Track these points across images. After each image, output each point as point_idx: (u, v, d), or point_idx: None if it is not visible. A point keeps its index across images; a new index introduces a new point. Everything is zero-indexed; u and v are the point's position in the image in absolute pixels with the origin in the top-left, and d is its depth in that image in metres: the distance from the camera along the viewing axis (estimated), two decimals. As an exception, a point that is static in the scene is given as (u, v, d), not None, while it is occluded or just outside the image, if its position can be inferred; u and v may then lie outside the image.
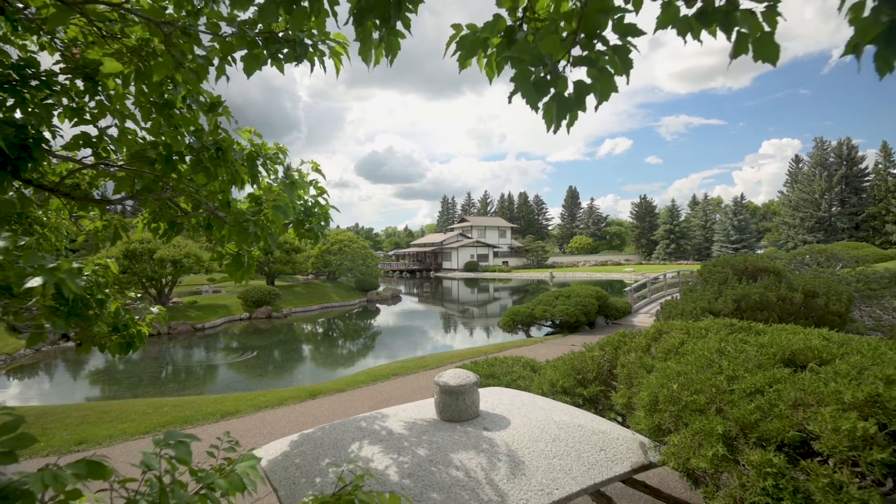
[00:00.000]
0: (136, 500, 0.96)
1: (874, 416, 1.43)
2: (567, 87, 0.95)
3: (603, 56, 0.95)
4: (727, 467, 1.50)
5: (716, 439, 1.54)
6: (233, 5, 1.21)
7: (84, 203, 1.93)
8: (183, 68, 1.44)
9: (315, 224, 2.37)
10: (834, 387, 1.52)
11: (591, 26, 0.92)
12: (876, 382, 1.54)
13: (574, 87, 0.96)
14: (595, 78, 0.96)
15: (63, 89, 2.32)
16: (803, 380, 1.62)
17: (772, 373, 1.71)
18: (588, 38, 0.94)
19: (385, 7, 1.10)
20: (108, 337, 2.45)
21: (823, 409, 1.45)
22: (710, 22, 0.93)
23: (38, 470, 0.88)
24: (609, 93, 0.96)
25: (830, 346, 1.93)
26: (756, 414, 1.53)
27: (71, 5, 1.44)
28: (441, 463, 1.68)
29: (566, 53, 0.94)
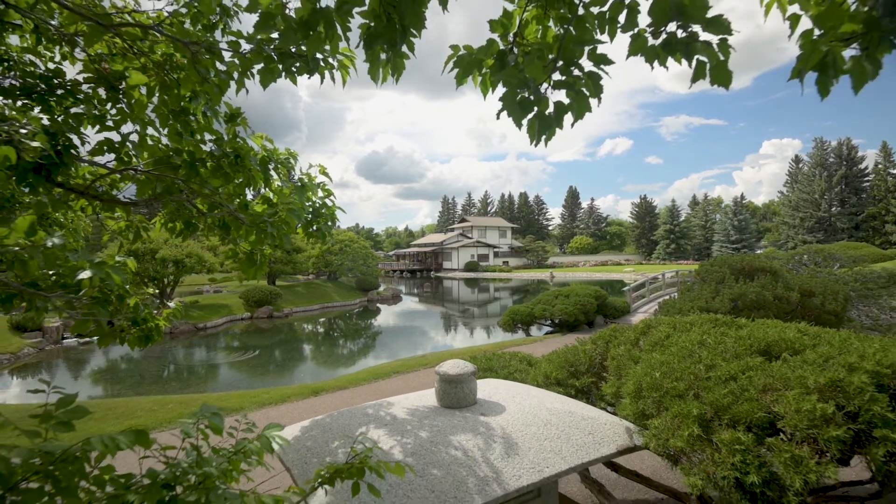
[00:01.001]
0: (178, 463, 1.11)
1: (835, 398, 1.58)
2: (548, 106, 1.10)
3: (579, 80, 1.10)
4: (701, 446, 1.65)
5: (691, 421, 1.68)
6: (257, 30, 1.36)
7: (111, 204, 2.08)
8: (207, 83, 1.59)
9: (322, 224, 2.52)
10: (800, 373, 1.67)
11: (569, 55, 1.07)
12: (839, 369, 1.69)
13: (554, 106, 1.11)
14: (573, 98, 1.11)
15: (86, 98, 2.48)
16: (773, 367, 1.77)
17: (745, 361, 1.86)
18: (566, 65, 1.09)
19: (392, 34, 1.26)
20: (128, 330, 2.61)
21: (788, 393, 1.59)
22: (674, 51, 1.08)
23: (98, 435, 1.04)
24: (584, 112, 1.11)
25: (803, 339, 2.08)
26: (729, 398, 1.68)
27: (107, 27, 1.59)
28: (441, 444, 1.83)
29: (548, 77, 1.10)
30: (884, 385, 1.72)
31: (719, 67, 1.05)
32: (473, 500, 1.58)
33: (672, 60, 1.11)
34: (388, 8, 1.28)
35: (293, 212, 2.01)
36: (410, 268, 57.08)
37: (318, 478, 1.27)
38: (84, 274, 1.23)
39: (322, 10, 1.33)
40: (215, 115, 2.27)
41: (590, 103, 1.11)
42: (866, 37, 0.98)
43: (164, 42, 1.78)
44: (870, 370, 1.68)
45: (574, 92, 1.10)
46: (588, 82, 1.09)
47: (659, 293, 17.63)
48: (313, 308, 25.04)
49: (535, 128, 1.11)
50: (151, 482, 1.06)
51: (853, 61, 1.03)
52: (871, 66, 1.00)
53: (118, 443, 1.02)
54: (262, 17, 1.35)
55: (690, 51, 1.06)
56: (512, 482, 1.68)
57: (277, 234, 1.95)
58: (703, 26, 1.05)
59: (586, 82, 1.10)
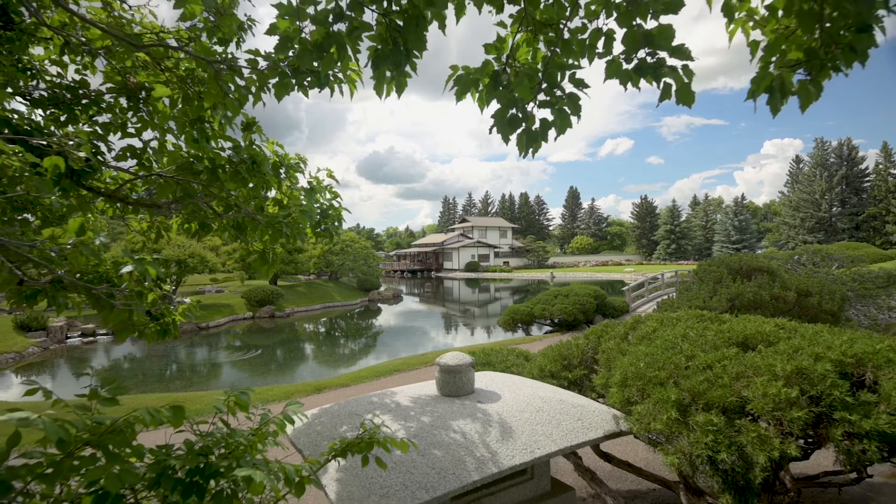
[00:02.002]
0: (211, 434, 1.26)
1: (800, 384, 1.73)
2: (535, 123, 1.26)
3: (561, 100, 1.26)
4: (679, 428, 1.80)
5: (670, 405, 1.84)
6: (276, 52, 1.52)
7: (136, 207, 2.24)
8: (228, 97, 1.75)
9: (330, 224, 2.68)
10: (769, 361, 1.82)
11: (552, 78, 1.23)
12: (806, 358, 1.84)
13: (540, 123, 1.26)
14: (556, 116, 1.26)
15: (108, 107, 2.65)
16: (747, 357, 1.92)
17: (722, 352, 2.01)
18: (550, 87, 1.24)
19: (397, 56, 1.42)
20: (146, 325, 2.77)
21: (757, 379, 1.75)
22: (645, 74, 1.23)
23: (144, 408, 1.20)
24: (566, 128, 1.27)
25: (779, 332, 2.24)
26: (704, 384, 1.84)
27: (139, 47, 1.75)
28: (441, 428, 1.99)
29: (534, 97, 1.25)
30: (847, 373, 1.87)
31: (683, 89, 1.21)
32: (471, 476, 1.73)
33: (644, 82, 1.26)
34: (394, 33, 1.44)
35: (305, 213, 2.18)
36: (411, 268, 57.21)
37: (331, 451, 1.42)
38: (126, 268, 1.39)
39: (335, 34, 1.49)
40: (229, 121, 2.44)
41: (571, 120, 1.27)
42: (809, 64, 1.14)
43: (187, 58, 1.94)
44: (833, 359, 1.83)
45: (557, 110, 1.26)
46: (569, 102, 1.25)
47: (658, 293, 17.76)
48: (315, 308, 25.17)
49: (522, 141, 1.27)
50: (188, 450, 1.22)
51: (800, 84, 1.18)
52: (815, 89, 1.16)
53: (161, 415, 1.18)
54: (281, 40, 1.51)
55: (658, 74, 1.21)
56: (506, 461, 1.83)
57: (291, 234, 2.11)
58: (669, 53, 1.20)
59: (567, 102, 1.25)
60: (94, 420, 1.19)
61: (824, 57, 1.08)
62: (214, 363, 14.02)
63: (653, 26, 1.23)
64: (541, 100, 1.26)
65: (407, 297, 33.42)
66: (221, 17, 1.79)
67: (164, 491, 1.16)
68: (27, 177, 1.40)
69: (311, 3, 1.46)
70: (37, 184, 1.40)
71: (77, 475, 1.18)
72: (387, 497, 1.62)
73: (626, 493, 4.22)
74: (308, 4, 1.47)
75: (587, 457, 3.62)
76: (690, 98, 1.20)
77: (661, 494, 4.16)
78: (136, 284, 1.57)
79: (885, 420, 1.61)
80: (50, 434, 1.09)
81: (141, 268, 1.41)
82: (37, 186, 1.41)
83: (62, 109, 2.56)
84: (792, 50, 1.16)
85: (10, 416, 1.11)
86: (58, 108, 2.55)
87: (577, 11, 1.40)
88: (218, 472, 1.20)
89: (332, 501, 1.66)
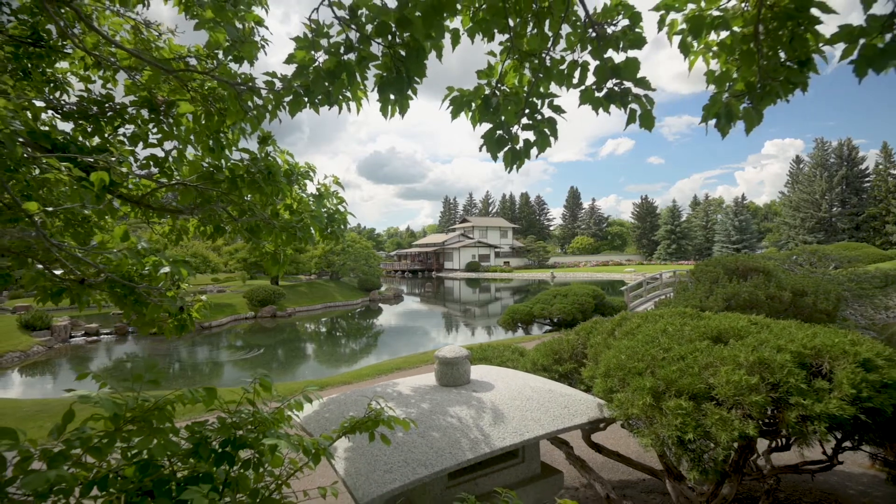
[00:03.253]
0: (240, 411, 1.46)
1: (761, 373, 1.93)
2: (518, 142, 1.45)
3: (542, 123, 1.46)
4: (653, 413, 2.00)
5: (646, 392, 2.04)
6: (293, 78, 1.72)
7: (160, 212, 2.44)
8: (249, 116, 1.95)
9: (336, 228, 2.88)
10: (735, 353, 2.02)
11: (533, 105, 1.43)
12: (769, 350, 2.04)
13: (523, 143, 1.46)
14: (537, 136, 1.46)
15: (131, 119, 2.86)
16: (716, 349, 2.12)
17: (695, 345, 2.21)
18: (531, 112, 1.44)
19: (401, 83, 1.62)
20: (165, 320, 2.97)
21: (723, 368, 1.95)
22: (614, 101, 1.43)
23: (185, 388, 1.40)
24: (545, 147, 1.47)
25: (750, 327, 2.43)
26: (676, 373, 2.03)
27: (168, 71, 1.96)
28: (440, 413, 2.19)
29: (518, 121, 1.45)
30: (807, 363, 2.07)
31: (646, 114, 1.41)
32: (465, 455, 1.93)
33: (613, 108, 1.46)
34: (397, 62, 1.64)
35: (316, 218, 2.38)
36: (412, 268, 57.41)
37: (342, 429, 1.62)
38: (164, 269, 1.59)
39: (345, 63, 1.69)
40: (242, 132, 2.65)
41: (550, 140, 1.47)
42: (751, 94, 1.33)
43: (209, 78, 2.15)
44: (793, 350, 2.02)
45: (538, 132, 1.46)
46: (548, 125, 1.45)
47: (656, 293, 17.94)
48: (316, 307, 25.37)
49: (508, 158, 1.47)
50: (222, 424, 1.42)
51: (745, 111, 1.38)
52: (757, 114, 1.36)
53: (198, 394, 1.38)
54: (298, 69, 1.71)
55: (625, 101, 1.41)
56: (497, 443, 2.03)
57: (303, 238, 2.32)
58: (634, 83, 1.40)
59: (547, 125, 1.45)
60: (140, 398, 1.39)
61: (762, 90, 1.28)
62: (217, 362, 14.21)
63: (621, 59, 1.43)
64: (524, 123, 1.46)
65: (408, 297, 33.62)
66: (243, 44, 1.99)
67: (202, 459, 1.36)
68: (75, 189, 1.61)
69: (324, 36, 1.67)
70: (83, 195, 1.60)
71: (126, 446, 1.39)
72: (390, 472, 1.82)
73: (618, 483, 4.42)
74: (322, 37, 1.68)
75: (582, 451, 3.81)
76: (651, 123, 1.40)
77: (650, 483, 4.36)
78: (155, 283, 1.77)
79: (835, 405, 1.81)
80: (106, 408, 1.29)
81: (176, 269, 1.62)
82: (82, 197, 1.61)
83: (89, 121, 2.77)
84: (738, 82, 1.35)
85: (72, 395, 1.31)
86: (85, 120, 2.76)
87: (558, 41, 1.60)
88: (246, 443, 1.40)
89: (342, 476, 1.86)
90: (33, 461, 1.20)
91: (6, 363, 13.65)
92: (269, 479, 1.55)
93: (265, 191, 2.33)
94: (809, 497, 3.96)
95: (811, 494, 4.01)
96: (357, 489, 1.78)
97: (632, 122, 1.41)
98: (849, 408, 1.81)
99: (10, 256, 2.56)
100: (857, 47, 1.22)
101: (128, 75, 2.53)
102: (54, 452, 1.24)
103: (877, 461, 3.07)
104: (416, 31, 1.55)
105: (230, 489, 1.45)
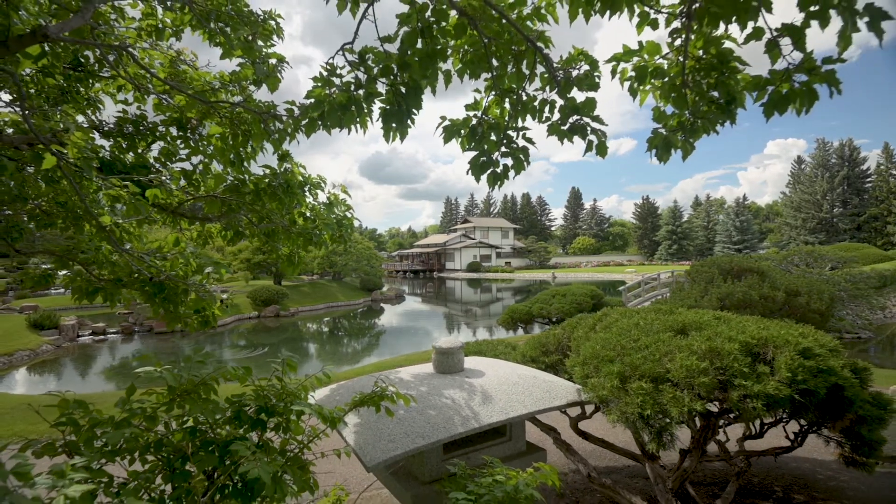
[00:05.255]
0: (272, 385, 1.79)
1: (711, 359, 2.25)
2: (499, 167, 1.78)
3: (517, 151, 1.78)
4: (619, 393, 2.32)
5: (614, 376, 2.36)
6: (311, 110, 2.05)
7: (191, 219, 2.78)
8: (272, 138, 2.29)
9: (344, 232, 3.22)
10: (691, 342, 2.34)
11: (509, 137, 1.75)
12: (721, 340, 2.36)
13: (502, 167, 1.79)
14: (514, 161, 1.79)
15: (161, 136, 3.20)
16: (676, 339, 2.44)
17: (659, 336, 2.53)
18: (508, 142, 1.77)
19: (401, 115, 1.95)
20: (191, 316, 3.31)
21: (678, 355, 2.27)
22: (576, 133, 1.76)
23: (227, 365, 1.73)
24: (520, 170, 1.79)
25: (712, 321, 2.75)
26: (640, 360, 2.35)
27: (205, 102, 2.30)
28: (436, 395, 2.52)
29: (498, 149, 1.77)
30: (755, 352, 2.38)
31: (600, 145, 1.73)
32: (457, 429, 2.26)
33: (577, 138, 1.79)
34: (399, 97, 1.97)
35: (328, 225, 2.72)
36: (413, 268, 57.74)
37: (353, 402, 1.94)
38: (208, 269, 1.92)
39: (354, 97, 2.03)
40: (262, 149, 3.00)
41: (524, 165, 1.80)
42: (684, 130, 1.66)
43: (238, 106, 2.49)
44: (742, 341, 2.34)
45: (514, 158, 1.78)
46: (522, 152, 1.78)
47: (654, 293, 18.21)
48: (319, 307, 25.69)
49: (491, 180, 1.79)
50: (257, 395, 1.74)
51: (682, 142, 1.70)
52: (690, 146, 1.68)
53: (236, 372, 1.71)
54: (315, 103, 2.05)
55: (584, 134, 1.74)
56: (485, 420, 2.36)
57: (318, 242, 2.65)
58: (591, 119, 1.73)
59: (521, 152, 1.78)
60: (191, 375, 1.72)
61: (692, 126, 1.60)
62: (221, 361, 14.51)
63: (581, 99, 1.75)
64: (503, 151, 1.79)
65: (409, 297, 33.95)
66: (268, 78, 2.33)
67: (241, 423, 1.69)
68: (132, 203, 1.94)
69: (337, 76, 2.00)
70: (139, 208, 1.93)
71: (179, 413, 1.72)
72: (393, 442, 2.15)
73: (604, 469, 4.74)
74: (335, 77, 2.01)
75: (568, 436, 4.12)
76: (604, 151, 1.72)
77: (634, 469, 4.67)
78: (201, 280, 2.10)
79: (773, 386, 2.12)
80: (170, 380, 1.63)
81: (217, 270, 1.95)
82: (138, 210, 1.94)
83: (125, 139, 3.11)
84: (675, 119, 1.67)
85: (142, 369, 1.65)
86: (122, 138, 3.11)
87: (533, 79, 1.93)
88: (276, 411, 1.73)
89: (352, 445, 2.19)
90: (104, 426, 1.51)
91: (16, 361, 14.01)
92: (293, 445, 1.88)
93: (284, 201, 2.66)
94: (781, 482, 4.26)
95: (783, 479, 4.31)
96: (365, 455, 2.11)
97: (589, 151, 1.74)
98: (784, 388, 2.13)
99: (54, 258, 2.92)
100: (766, 93, 1.54)
101: (162, 100, 2.88)
102: (120, 419, 1.58)
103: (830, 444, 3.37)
104: (415, 73, 1.89)
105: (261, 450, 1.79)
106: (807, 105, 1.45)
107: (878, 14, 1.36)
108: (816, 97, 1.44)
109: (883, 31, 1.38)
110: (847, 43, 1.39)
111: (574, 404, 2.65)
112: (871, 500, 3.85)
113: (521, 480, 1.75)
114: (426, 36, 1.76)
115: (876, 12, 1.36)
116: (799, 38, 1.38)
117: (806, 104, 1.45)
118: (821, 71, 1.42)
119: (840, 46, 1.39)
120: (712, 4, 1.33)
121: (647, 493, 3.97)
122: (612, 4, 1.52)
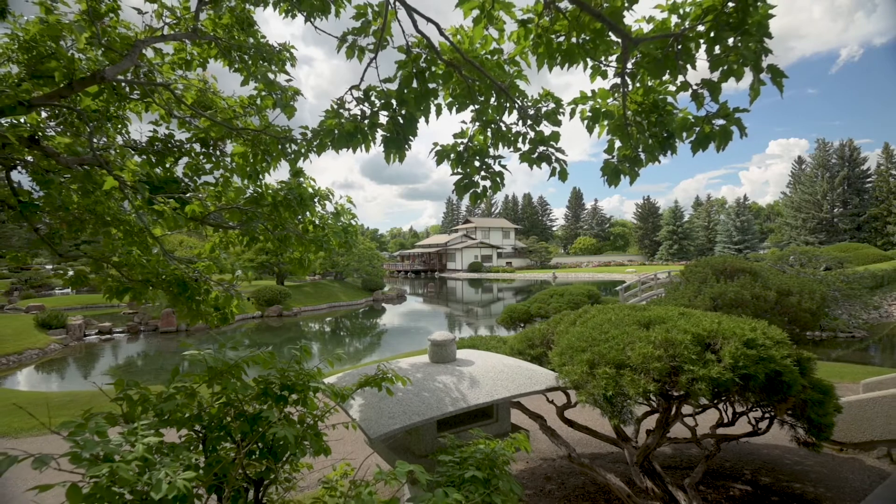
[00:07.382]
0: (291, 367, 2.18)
1: (665, 348, 2.62)
2: (479, 187, 2.16)
3: (494, 175, 2.16)
4: (588, 378, 2.69)
5: (584, 363, 2.73)
6: (324, 137, 2.43)
7: (216, 227, 3.18)
8: (289, 158, 2.67)
9: (350, 238, 3.60)
10: (650, 334, 2.71)
11: (486, 163, 2.13)
12: (676, 332, 2.72)
13: (482, 188, 2.17)
14: (491, 182, 2.17)
15: (186, 153, 3.60)
16: (639, 331, 2.81)
17: (625, 329, 2.90)
18: (486, 168, 2.15)
19: (400, 142, 2.33)
20: (211, 313, 3.70)
21: (638, 344, 2.64)
22: (543, 160, 2.13)
23: (256, 350, 2.12)
24: (497, 190, 2.17)
25: (674, 316, 3.12)
26: (606, 349, 2.73)
27: (231, 129, 2.69)
28: (430, 380, 2.90)
29: (479, 172, 2.15)
30: (706, 343, 2.75)
31: (562, 170, 2.11)
32: (448, 408, 2.64)
33: (545, 165, 2.17)
34: (398, 127, 2.36)
35: (336, 233, 3.11)
36: (415, 268, 58.12)
37: (359, 383, 2.32)
38: (238, 272, 2.30)
39: (360, 126, 2.41)
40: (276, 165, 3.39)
41: (500, 186, 2.18)
42: (630, 160, 2.03)
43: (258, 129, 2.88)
44: (694, 332, 2.70)
45: (492, 181, 2.16)
46: (498, 176, 2.16)
47: (650, 292, 18.54)
48: (321, 307, 26.07)
49: (473, 199, 2.18)
50: (281, 375, 2.12)
51: (629, 170, 2.07)
52: (635, 173, 2.05)
53: (261, 357, 2.10)
54: (325, 130, 2.43)
55: (549, 161, 2.12)
56: (472, 401, 2.73)
57: (328, 248, 3.05)
58: (555, 150, 2.10)
59: (498, 175, 2.16)
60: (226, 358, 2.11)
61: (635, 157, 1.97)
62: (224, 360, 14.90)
63: (548, 132, 2.13)
64: (482, 174, 2.17)
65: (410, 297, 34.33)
66: (286, 107, 2.72)
67: (268, 398, 2.07)
68: (173, 216, 2.32)
69: (345, 109, 2.39)
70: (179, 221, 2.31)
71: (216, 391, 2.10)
72: (392, 418, 2.53)
73: (589, 456, 5.11)
74: (343, 109, 2.40)
75: (562, 431, 4.48)
76: (565, 176, 2.10)
77: (616, 455, 5.04)
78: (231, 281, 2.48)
79: (716, 371, 2.49)
80: (212, 363, 2.01)
81: (245, 272, 2.34)
82: (177, 222, 2.32)
83: (155, 155, 3.51)
84: (623, 150, 2.04)
85: (188, 353, 2.03)
86: (153, 154, 3.51)
87: (511, 111, 2.31)
88: (296, 388, 2.11)
89: (357, 421, 2.58)
90: (150, 403, 1.89)
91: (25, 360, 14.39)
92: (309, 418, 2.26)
93: (297, 211, 3.05)
94: (751, 466, 4.62)
95: (753, 464, 4.67)
96: (369, 429, 2.49)
97: (553, 175, 2.12)
98: (727, 373, 2.49)
99: (91, 261, 3.32)
100: (694, 133, 1.91)
101: (188, 122, 3.27)
102: (167, 395, 1.95)
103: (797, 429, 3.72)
104: (411, 108, 2.27)
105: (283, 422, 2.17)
106: (723, 143, 1.82)
107: (778, 73, 1.73)
108: (730, 137, 1.81)
109: (783, 87, 1.75)
110: (756, 94, 1.76)
111: (552, 389, 3.03)
112: (829, 479, 4.21)
113: (499, 446, 2.12)
114: (420, 79, 2.14)
115: (776, 71, 1.73)
116: (714, 91, 1.76)
117: (723, 142, 1.82)
118: (734, 117, 1.80)
119: (751, 96, 1.76)
120: (641, 67, 1.71)
121: (625, 476, 4.33)
122: (570, 58, 1.90)
